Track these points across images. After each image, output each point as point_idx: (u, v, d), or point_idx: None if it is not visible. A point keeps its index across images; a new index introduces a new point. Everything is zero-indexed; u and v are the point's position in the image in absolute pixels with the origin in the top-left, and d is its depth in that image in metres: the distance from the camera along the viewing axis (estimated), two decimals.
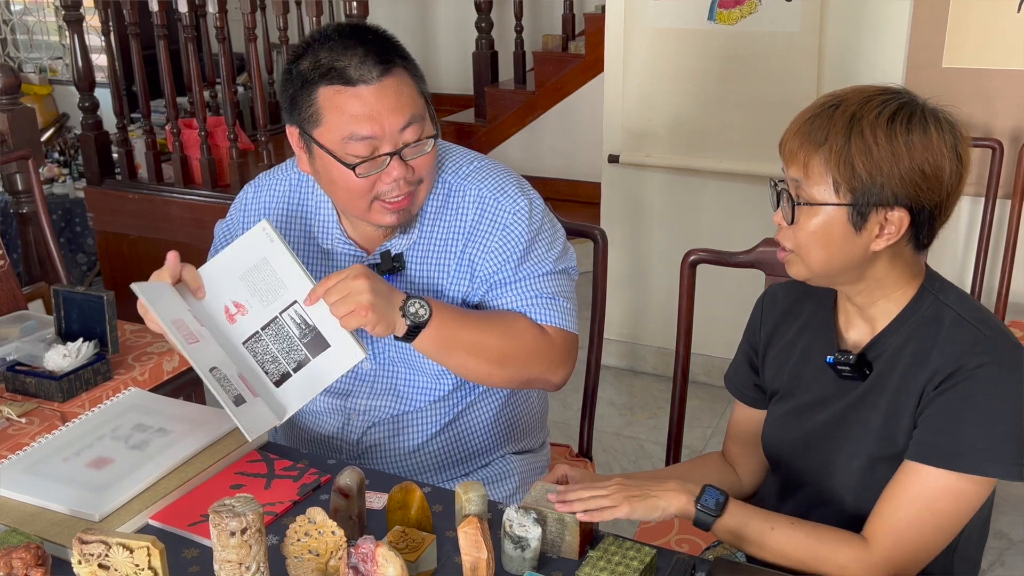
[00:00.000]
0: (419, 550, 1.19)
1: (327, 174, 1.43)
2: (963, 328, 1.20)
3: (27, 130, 3.37)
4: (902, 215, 1.17)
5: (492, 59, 4.41)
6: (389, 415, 1.59)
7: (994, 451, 1.16)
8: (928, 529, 1.19)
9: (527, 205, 1.52)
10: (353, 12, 3.06)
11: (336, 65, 1.36)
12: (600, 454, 2.99)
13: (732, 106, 3.03)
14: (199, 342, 1.37)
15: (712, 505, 1.24)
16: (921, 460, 1.19)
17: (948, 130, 1.17)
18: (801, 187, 1.20)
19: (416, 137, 1.40)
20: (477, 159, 1.56)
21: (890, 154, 1.14)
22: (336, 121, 1.37)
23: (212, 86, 4.72)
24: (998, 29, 2.73)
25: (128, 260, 3.90)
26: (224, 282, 1.44)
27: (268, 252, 1.43)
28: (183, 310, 1.40)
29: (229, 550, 1.08)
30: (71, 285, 2.22)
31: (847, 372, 1.29)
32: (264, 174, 1.67)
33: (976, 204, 2.84)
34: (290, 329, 1.42)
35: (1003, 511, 2.69)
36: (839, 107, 1.18)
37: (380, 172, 1.39)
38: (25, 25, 5.68)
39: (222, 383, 1.34)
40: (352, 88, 1.35)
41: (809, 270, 1.24)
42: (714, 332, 2.90)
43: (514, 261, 1.50)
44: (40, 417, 1.91)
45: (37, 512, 1.32)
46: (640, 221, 3.36)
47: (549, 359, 1.51)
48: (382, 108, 1.36)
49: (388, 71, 1.36)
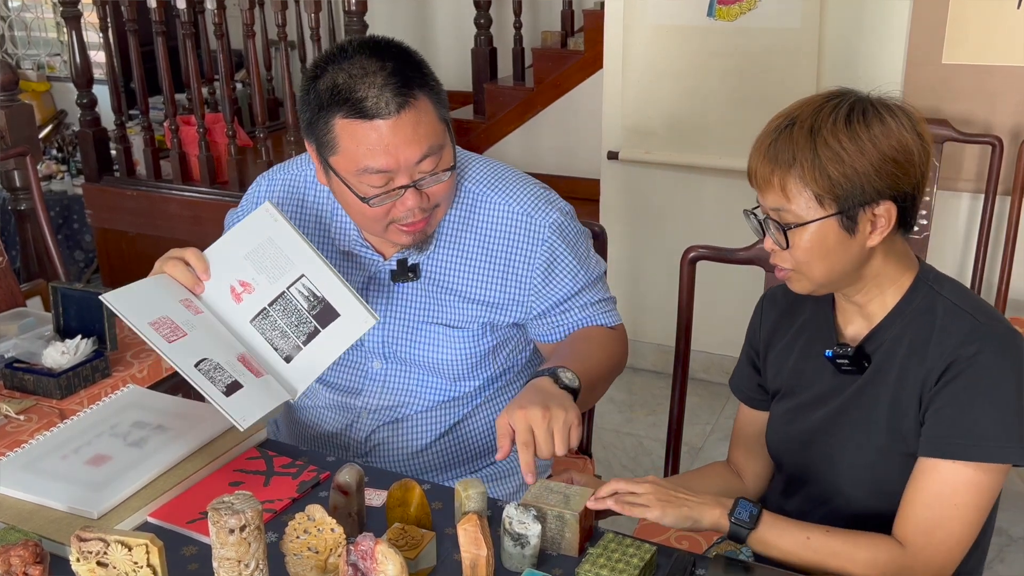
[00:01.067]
0: (418, 547, 1.19)
1: (342, 198, 1.43)
2: (958, 316, 1.22)
3: (25, 127, 3.37)
4: (889, 207, 1.19)
5: (491, 55, 4.40)
6: (398, 415, 1.59)
7: (1005, 437, 1.18)
8: (957, 524, 1.20)
9: (560, 217, 1.52)
10: (352, 8, 3.05)
11: (353, 96, 1.31)
12: (599, 451, 2.99)
13: (731, 102, 3.02)
14: (187, 335, 1.35)
15: (746, 518, 1.24)
16: (937, 455, 1.20)
17: (901, 113, 1.20)
18: (784, 211, 1.21)
19: (432, 168, 1.37)
20: (497, 167, 1.55)
21: (859, 153, 1.16)
22: (351, 152, 1.34)
23: (210, 83, 4.72)
24: (998, 25, 2.72)
25: (126, 257, 3.90)
26: (228, 263, 1.43)
27: (273, 232, 1.42)
28: (174, 301, 1.39)
29: (228, 547, 1.08)
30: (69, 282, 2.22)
31: (846, 365, 1.30)
32: (277, 167, 1.65)
33: (976, 201, 2.84)
34: (298, 303, 1.41)
35: (1003, 508, 2.68)
36: (795, 124, 1.19)
37: (395, 201, 1.38)
38: (23, 22, 5.67)
39: (211, 374, 1.32)
40: (368, 122, 1.31)
41: (813, 283, 1.26)
42: (714, 329, 2.90)
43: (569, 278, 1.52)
44: (39, 414, 1.91)
45: (35, 509, 1.31)
46: (639, 218, 3.35)
47: (624, 354, 1.60)
48: (399, 141, 1.32)
49: (407, 103, 1.32)
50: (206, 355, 1.35)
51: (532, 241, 1.50)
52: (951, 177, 2.87)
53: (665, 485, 1.27)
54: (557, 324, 1.55)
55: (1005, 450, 1.18)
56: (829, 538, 1.23)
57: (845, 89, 1.22)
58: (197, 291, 1.42)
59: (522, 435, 1.26)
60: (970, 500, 1.19)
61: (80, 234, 4.32)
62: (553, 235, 1.50)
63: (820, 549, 1.22)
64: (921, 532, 1.20)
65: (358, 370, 1.59)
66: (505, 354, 1.59)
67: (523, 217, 1.50)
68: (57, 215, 4.25)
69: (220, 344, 1.38)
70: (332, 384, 1.61)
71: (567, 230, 1.52)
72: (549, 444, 1.25)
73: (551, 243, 1.50)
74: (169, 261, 1.42)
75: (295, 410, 1.69)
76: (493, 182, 1.52)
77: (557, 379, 1.35)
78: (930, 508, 1.20)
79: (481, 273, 1.51)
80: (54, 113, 5.43)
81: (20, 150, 2.77)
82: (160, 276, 1.42)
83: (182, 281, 1.42)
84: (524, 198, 1.51)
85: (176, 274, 1.41)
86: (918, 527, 1.21)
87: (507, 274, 1.51)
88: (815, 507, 1.36)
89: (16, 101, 3.37)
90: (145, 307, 1.35)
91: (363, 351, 1.57)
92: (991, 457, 1.18)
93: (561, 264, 1.51)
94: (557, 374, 1.36)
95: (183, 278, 1.41)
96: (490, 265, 1.51)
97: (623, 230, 3.35)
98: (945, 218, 2.92)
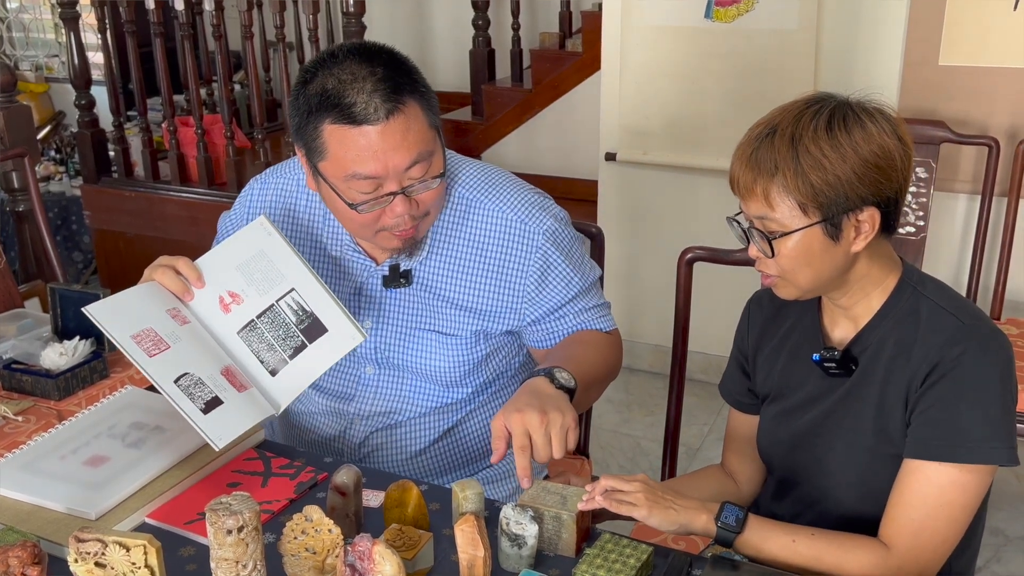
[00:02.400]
0: (416, 548, 1.19)
1: (331, 203, 1.42)
2: (941, 317, 1.22)
3: (23, 128, 3.37)
4: (872, 212, 1.19)
5: (489, 57, 4.40)
6: (392, 421, 1.59)
7: (990, 437, 1.18)
8: (942, 525, 1.20)
9: (554, 223, 1.51)
10: (350, 9, 3.05)
11: (343, 102, 1.30)
12: (597, 452, 2.99)
13: (729, 104, 3.03)
14: (170, 348, 1.34)
15: (732, 522, 1.24)
16: (923, 457, 1.20)
17: (881, 117, 1.20)
18: (768, 220, 1.21)
19: (422, 175, 1.36)
20: (489, 171, 1.55)
21: (841, 160, 1.16)
22: (340, 157, 1.33)
23: (209, 84, 4.72)
24: (994, 27, 2.73)
25: (124, 258, 3.90)
26: (220, 272, 1.43)
27: (265, 245, 1.42)
28: (159, 311, 1.38)
29: (226, 548, 1.08)
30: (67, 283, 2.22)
31: (833, 369, 1.30)
32: (271, 170, 1.65)
33: (972, 202, 2.84)
34: (287, 316, 1.41)
35: (999, 507, 2.69)
36: (776, 132, 1.19)
37: (384, 208, 1.37)
38: (21, 23, 5.67)
39: (191, 390, 1.31)
40: (357, 127, 1.31)
41: (799, 289, 1.26)
42: (711, 330, 2.90)
43: (563, 284, 1.51)
44: (37, 415, 1.91)
45: (33, 510, 1.31)
46: (637, 219, 3.36)
47: (619, 359, 1.59)
48: (387, 147, 1.31)
49: (396, 109, 1.31)
50: (188, 369, 1.33)
51: (526, 249, 1.49)
52: (948, 178, 2.88)
53: (654, 486, 1.27)
54: (551, 330, 1.55)
55: (990, 450, 1.18)
56: (815, 541, 1.24)
57: (825, 94, 1.22)
58: (186, 299, 1.42)
59: (519, 439, 1.25)
60: (956, 500, 1.20)
61: (79, 235, 4.32)
62: (547, 242, 1.49)
63: (806, 552, 1.23)
64: (907, 533, 1.21)
65: (351, 376, 1.59)
66: (498, 360, 1.59)
67: (517, 224, 1.49)
68: (56, 216, 4.25)
69: (204, 356, 1.37)
70: (325, 390, 1.61)
71: (561, 237, 1.51)
72: (547, 448, 1.25)
73: (545, 250, 1.49)
74: (159, 269, 1.41)
75: (290, 415, 1.68)
76: (486, 187, 1.51)
77: (553, 379, 1.35)
78: (916, 509, 1.20)
79: (473, 281, 1.50)
80: (52, 114, 5.43)
81: (18, 151, 2.77)
82: (149, 284, 1.41)
83: (172, 289, 1.40)
84: (518, 204, 1.50)
85: (166, 282, 1.40)
86: (904, 528, 1.21)
87: (500, 282, 1.50)
88: (806, 509, 1.36)
89: (14, 102, 3.38)
90: (128, 319, 1.34)
91: (356, 357, 1.56)
92: (976, 458, 1.18)
93: (555, 271, 1.51)
94: (553, 374, 1.35)
95: (173, 286, 1.40)
96: (483, 273, 1.50)
97: (620, 231, 3.36)
98: (942, 219, 2.92)
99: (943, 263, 2.97)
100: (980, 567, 2.48)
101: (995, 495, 2.73)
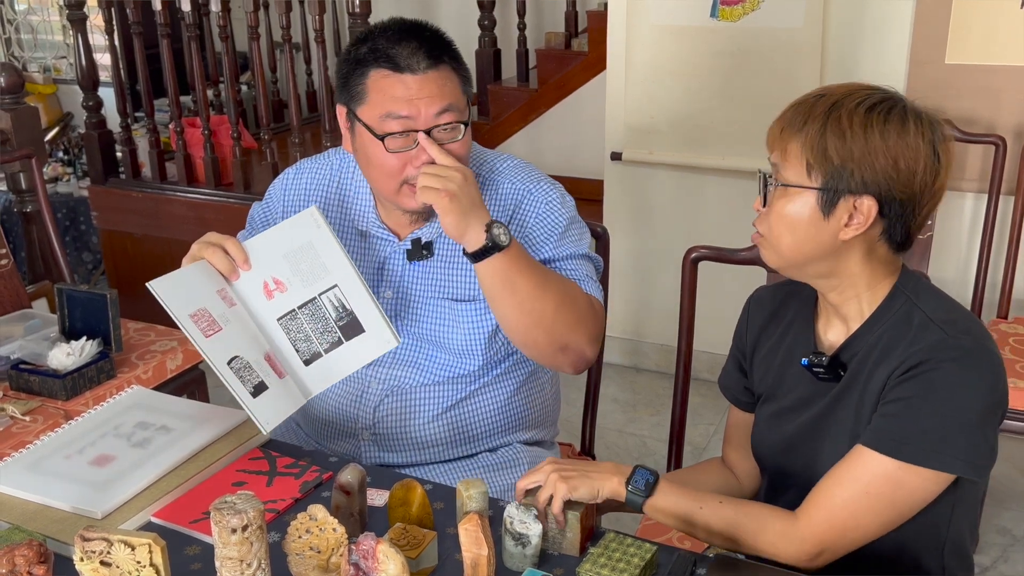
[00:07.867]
0: (420, 547, 1.19)
1: (364, 151, 1.50)
2: (928, 330, 1.20)
3: (31, 129, 3.38)
4: (871, 204, 1.18)
5: (495, 57, 4.40)
6: (406, 385, 1.62)
7: (942, 445, 1.15)
8: (861, 511, 1.19)
9: (559, 196, 1.62)
10: (356, 10, 3.06)
11: (390, 52, 1.44)
12: (602, 451, 2.99)
13: (735, 103, 3.02)
14: (222, 330, 1.37)
15: (642, 486, 1.25)
16: (869, 445, 1.19)
17: (928, 127, 1.18)
18: (779, 171, 1.23)
19: (450, 122, 1.46)
20: (507, 158, 1.65)
21: (863, 141, 1.16)
22: (378, 100, 1.45)
23: (215, 85, 4.73)
24: (1001, 25, 2.72)
25: (132, 258, 3.91)
26: (267, 257, 1.46)
27: (314, 237, 1.45)
28: (211, 291, 1.41)
29: (230, 547, 1.09)
30: (75, 284, 2.23)
31: (822, 374, 1.29)
32: (306, 159, 1.76)
33: (979, 201, 2.83)
34: (327, 311, 1.45)
35: (1007, 507, 2.69)
36: (823, 97, 1.20)
37: (410, 152, 1.44)
38: (29, 24, 5.69)
39: (241, 373, 1.35)
40: (399, 74, 1.44)
41: (779, 256, 1.26)
42: (716, 329, 2.88)
43: (554, 240, 1.58)
44: (44, 415, 1.92)
45: (39, 509, 1.32)
46: (643, 218, 3.35)
47: (590, 329, 1.55)
48: (423, 95, 1.44)
49: (435, 65, 1.45)
50: (238, 352, 1.37)
51: (531, 210, 1.59)
52: (954, 177, 2.84)
53: (563, 462, 1.28)
54: None
55: (938, 458, 1.15)
56: (722, 507, 1.25)
57: (895, 91, 1.21)
58: (232, 279, 1.45)
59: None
60: (884, 494, 1.18)
61: (87, 236, 4.33)
62: (551, 207, 1.59)
63: (711, 517, 1.24)
64: (823, 508, 1.20)
65: None
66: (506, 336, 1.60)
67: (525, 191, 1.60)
68: (64, 217, 4.26)
69: (251, 341, 1.41)
70: None
71: (566, 206, 1.61)
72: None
73: (548, 214, 1.58)
74: (209, 247, 1.45)
75: None
76: (502, 169, 1.63)
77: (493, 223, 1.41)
78: (842, 488, 1.19)
79: None
80: (60, 115, 5.45)
81: (26, 152, 2.77)
82: (200, 263, 1.44)
83: (220, 268, 1.44)
84: (529, 177, 1.63)
85: (215, 261, 1.44)
86: (822, 503, 1.20)
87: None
88: None
89: (22, 104, 3.38)
90: (186, 297, 1.37)
91: None
92: (921, 460, 1.16)
93: (551, 229, 1.58)
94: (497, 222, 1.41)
95: (222, 265, 1.44)
96: None
97: (626, 230, 3.35)
98: (948, 218, 2.91)
99: (950, 262, 2.96)
100: (987, 567, 2.48)
101: (1002, 494, 2.72)
